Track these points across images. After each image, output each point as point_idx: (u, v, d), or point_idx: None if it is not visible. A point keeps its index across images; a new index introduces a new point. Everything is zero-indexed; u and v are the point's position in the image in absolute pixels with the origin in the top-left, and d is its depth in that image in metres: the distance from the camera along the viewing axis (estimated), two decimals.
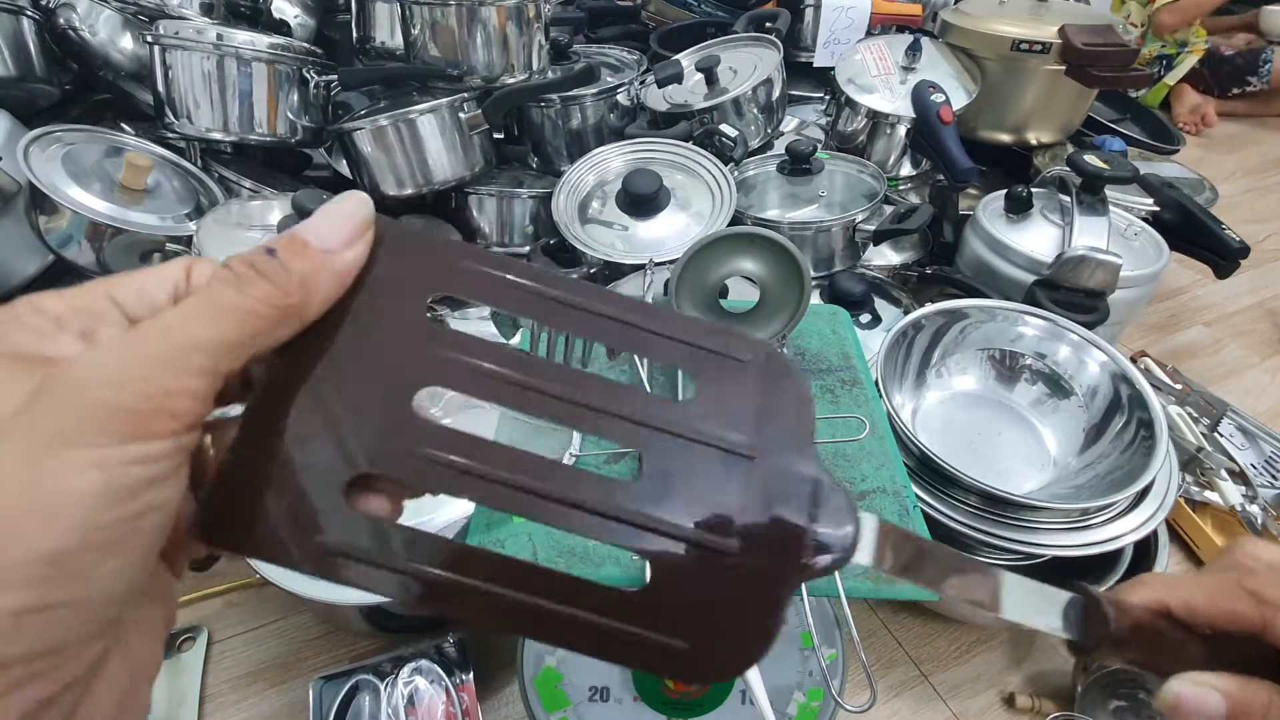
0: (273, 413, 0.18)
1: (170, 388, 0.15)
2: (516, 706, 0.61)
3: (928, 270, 1.00)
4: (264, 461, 0.18)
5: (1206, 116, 1.77)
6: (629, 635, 0.18)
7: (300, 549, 0.17)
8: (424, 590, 0.17)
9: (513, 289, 0.19)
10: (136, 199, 0.83)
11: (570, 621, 0.17)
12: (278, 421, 0.18)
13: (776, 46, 1.11)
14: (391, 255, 0.19)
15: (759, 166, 1.03)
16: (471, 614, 0.18)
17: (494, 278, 0.19)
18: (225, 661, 0.68)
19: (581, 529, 0.18)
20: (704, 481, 0.19)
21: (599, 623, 0.17)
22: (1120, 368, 0.70)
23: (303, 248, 0.18)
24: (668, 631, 0.18)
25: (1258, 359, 1.08)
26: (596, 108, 1.08)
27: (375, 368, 0.18)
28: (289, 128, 0.93)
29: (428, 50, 0.93)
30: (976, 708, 0.65)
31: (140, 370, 0.15)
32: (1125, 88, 1.31)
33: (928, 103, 1.04)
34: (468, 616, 0.18)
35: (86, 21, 0.94)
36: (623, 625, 0.18)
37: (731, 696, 0.51)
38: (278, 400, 0.18)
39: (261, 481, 0.17)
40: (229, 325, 0.16)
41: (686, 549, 0.18)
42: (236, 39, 0.86)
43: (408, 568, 0.17)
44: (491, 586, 0.17)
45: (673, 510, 0.18)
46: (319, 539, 0.17)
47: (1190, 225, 0.96)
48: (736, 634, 0.18)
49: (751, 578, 0.18)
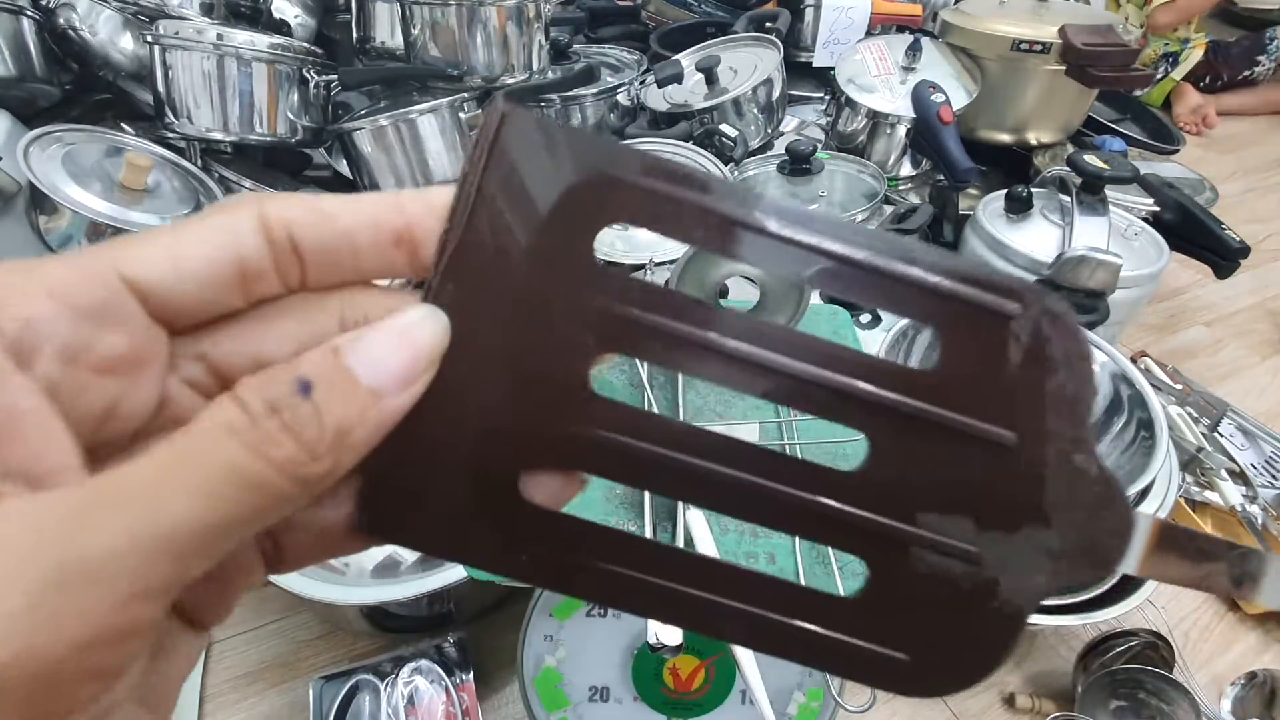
0: (435, 390, 0.14)
1: (107, 632, 0.10)
2: (516, 706, 0.61)
3: None
4: (430, 448, 0.15)
5: (1208, 117, 1.77)
6: (843, 646, 0.15)
7: (478, 540, 0.15)
8: (622, 590, 0.15)
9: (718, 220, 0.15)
10: (136, 199, 0.83)
11: (786, 630, 0.15)
12: (443, 401, 0.14)
13: (776, 46, 1.11)
14: (530, 157, 0.15)
15: (759, 166, 1.03)
16: (681, 617, 0.16)
17: (695, 206, 0.14)
18: (225, 661, 0.68)
19: (788, 527, 0.16)
20: (945, 470, 0.15)
21: (815, 633, 0.15)
22: (1120, 368, 0.70)
23: (349, 388, 0.12)
24: (888, 643, 0.15)
25: (1258, 359, 1.08)
26: (596, 108, 1.08)
27: (548, 331, 0.15)
28: (289, 128, 0.93)
29: (428, 50, 0.93)
30: (976, 708, 0.65)
31: (64, 623, 0.10)
32: (1125, 88, 1.31)
33: (928, 103, 1.04)
34: (675, 619, 0.16)
35: (86, 21, 0.94)
36: (839, 635, 0.15)
37: (731, 696, 0.51)
38: (440, 375, 0.14)
39: (429, 471, 0.15)
40: (222, 503, 0.11)
41: (917, 552, 0.15)
42: (236, 39, 0.85)
43: (591, 564, 0.15)
44: (701, 592, 0.15)
45: (902, 506, 0.15)
46: (496, 530, 0.15)
47: (1190, 225, 0.96)
48: (966, 648, 0.16)
49: (992, 587, 0.15)
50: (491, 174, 0.14)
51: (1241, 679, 0.66)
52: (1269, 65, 1.84)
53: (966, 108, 1.08)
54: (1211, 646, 0.70)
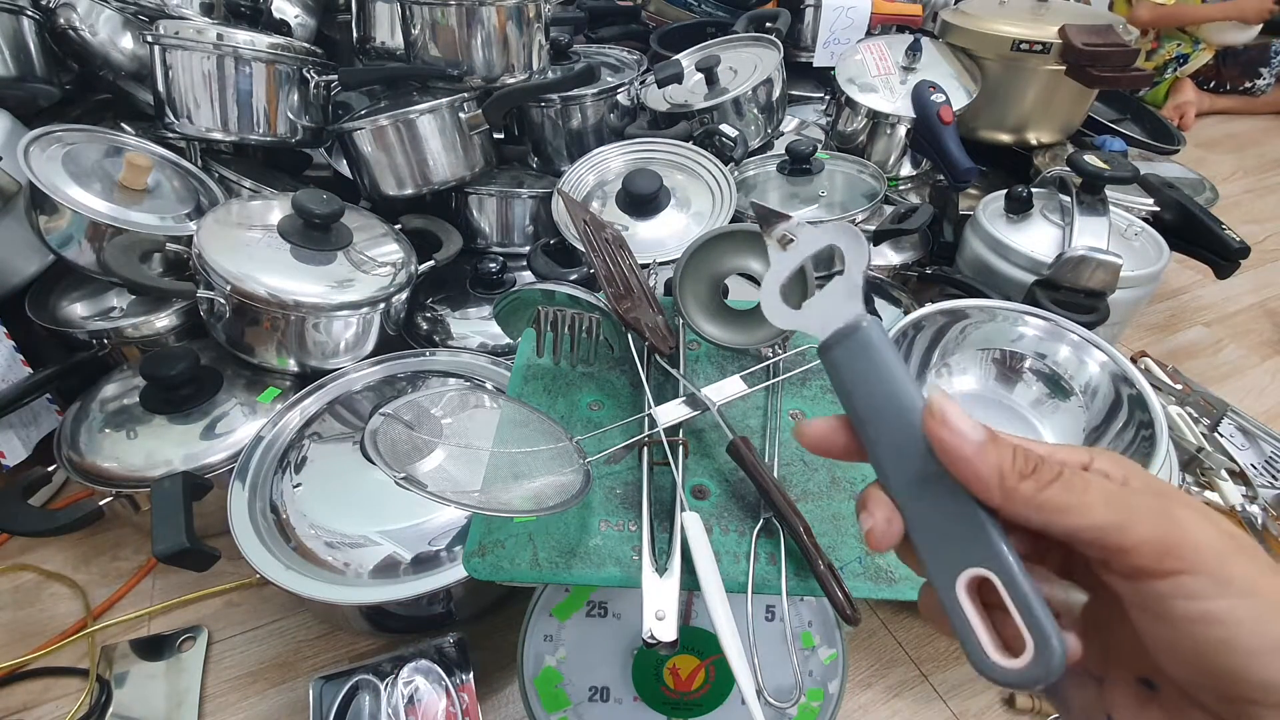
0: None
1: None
2: (516, 706, 0.61)
3: (928, 270, 1.00)
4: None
5: (1185, 116, 1.79)
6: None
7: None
8: None
9: None
10: (136, 199, 0.83)
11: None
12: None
13: (776, 46, 1.11)
14: None
15: (759, 166, 1.03)
16: None
17: None
18: (225, 661, 0.68)
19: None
20: None
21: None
22: (1120, 368, 0.70)
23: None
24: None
25: (1258, 359, 1.08)
26: (596, 108, 1.08)
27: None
28: (289, 128, 0.93)
29: (428, 50, 0.93)
30: (976, 708, 0.65)
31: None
32: (1125, 88, 1.31)
33: (928, 103, 1.04)
34: None
35: (86, 21, 0.93)
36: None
37: (732, 696, 0.51)
38: None
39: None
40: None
41: None
42: (236, 39, 0.85)
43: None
44: None
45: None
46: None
47: (1190, 225, 0.96)
48: None
49: None
50: None
51: None
52: (1269, 79, 1.85)
53: (966, 108, 1.08)
54: None
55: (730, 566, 0.42)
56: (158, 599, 0.73)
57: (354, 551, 0.61)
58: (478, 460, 0.43)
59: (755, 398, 0.54)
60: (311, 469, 0.68)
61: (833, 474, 0.49)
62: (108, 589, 0.74)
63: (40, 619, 0.72)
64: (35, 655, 0.68)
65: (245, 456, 0.69)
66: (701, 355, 0.59)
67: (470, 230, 1.01)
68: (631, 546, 0.43)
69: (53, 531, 0.65)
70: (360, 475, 0.66)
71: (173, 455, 0.71)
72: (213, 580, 0.72)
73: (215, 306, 0.74)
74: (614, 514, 0.45)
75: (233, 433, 0.73)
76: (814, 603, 0.50)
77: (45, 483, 0.70)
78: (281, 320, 0.75)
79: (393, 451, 0.40)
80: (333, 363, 0.80)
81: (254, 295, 0.72)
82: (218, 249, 0.74)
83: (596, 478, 0.47)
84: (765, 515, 0.44)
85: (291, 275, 0.76)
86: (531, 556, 0.42)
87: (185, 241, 0.80)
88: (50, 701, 0.65)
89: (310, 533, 0.63)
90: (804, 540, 0.41)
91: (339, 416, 0.74)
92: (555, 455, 0.44)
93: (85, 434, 0.72)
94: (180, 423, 0.73)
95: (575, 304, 0.54)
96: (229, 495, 0.65)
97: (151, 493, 0.62)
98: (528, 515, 0.44)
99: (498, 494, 0.40)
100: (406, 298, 0.84)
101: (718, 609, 0.37)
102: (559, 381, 0.56)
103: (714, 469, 0.48)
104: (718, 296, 0.58)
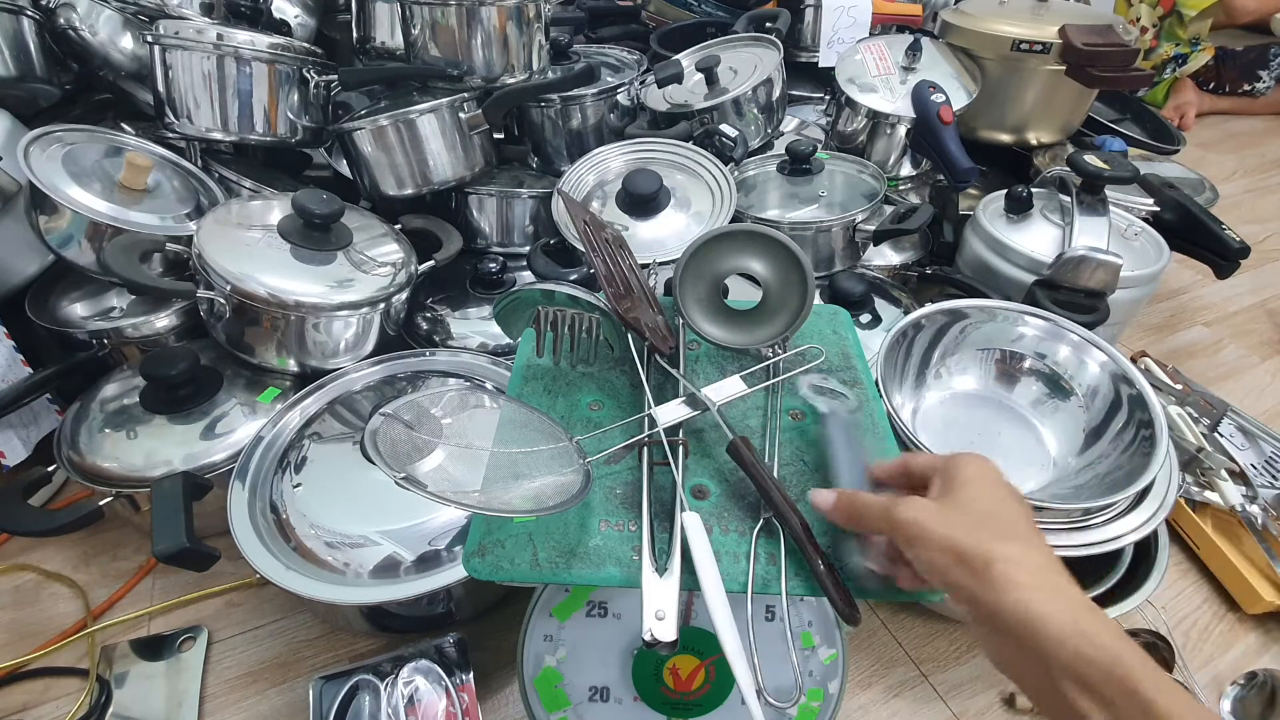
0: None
1: None
2: (516, 706, 0.61)
3: (928, 270, 1.00)
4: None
5: (1185, 116, 1.80)
6: None
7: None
8: None
9: None
10: (136, 199, 0.83)
11: None
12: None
13: (777, 46, 1.11)
14: None
15: (759, 166, 1.03)
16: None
17: None
18: (225, 661, 0.68)
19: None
20: None
21: None
22: (1120, 368, 0.70)
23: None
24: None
25: (1258, 359, 1.08)
26: (596, 108, 1.08)
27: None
28: (289, 128, 0.93)
29: (428, 50, 0.93)
30: (976, 708, 0.65)
31: None
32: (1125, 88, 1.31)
33: (928, 103, 1.04)
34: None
35: (86, 21, 0.93)
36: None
37: (732, 696, 0.51)
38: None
39: None
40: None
41: None
42: (236, 39, 0.85)
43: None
44: None
45: None
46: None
47: (1190, 225, 0.96)
48: None
49: None
50: None
51: (1241, 679, 0.66)
52: (1269, 82, 1.85)
53: (966, 108, 1.08)
54: (1211, 647, 0.70)
55: (730, 566, 0.42)
56: (158, 599, 0.73)
57: (354, 551, 0.61)
58: (478, 460, 0.43)
59: (755, 398, 0.54)
60: (311, 469, 0.68)
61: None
62: (108, 589, 0.74)
63: (40, 619, 0.72)
64: (35, 655, 0.68)
65: (245, 456, 0.69)
66: (701, 355, 0.59)
67: (470, 230, 1.01)
68: (631, 546, 0.43)
69: (53, 531, 0.65)
70: (360, 475, 0.66)
71: (173, 455, 0.71)
72: (213, 580, 0.72)
73: (215, 306, 0.74)
74: (614, 514, 0.45)
75: (233, 433, 0.73)
76: (814, 603, 0.50)
77: (45, 483, 0.70)
78: (281, 320, 0.75)
79: (393, 451, 0.40)
80: (333, 363, 0.80)
81: (254, 295, 0.72)
82: (218, 249, 0.74)
83: (596, 478, 0.47)
84: (765, 515, 0.44)
85: (291, 275, 0.76)
86: (531, 556, 0.42)
87: (185, 241, 0.80)
88: (50, 701, 0.65)
89: (310, 533, 0.63)
90: (804, 540, 0.41)
91: (339, 416, 0.74)
92: (555, 455, 0.44)
93: (85, 434, 0.72)
94: (180, 423, 0.73)
95: (575, 304, 0.54)
96: (229, 495, 0.65)
97: (151, 493, 0.62)
98: (528, 515, 0.44)
99: (498, 494, 0.40)
100: (406, 298, 0.84)
101: (718, 609, 0.37)
102: (559, 381, 0.56)
103: (714, 469, 0.48)
104: (718, 296, 0.58)
